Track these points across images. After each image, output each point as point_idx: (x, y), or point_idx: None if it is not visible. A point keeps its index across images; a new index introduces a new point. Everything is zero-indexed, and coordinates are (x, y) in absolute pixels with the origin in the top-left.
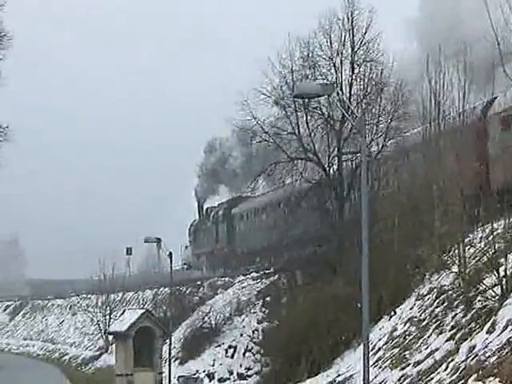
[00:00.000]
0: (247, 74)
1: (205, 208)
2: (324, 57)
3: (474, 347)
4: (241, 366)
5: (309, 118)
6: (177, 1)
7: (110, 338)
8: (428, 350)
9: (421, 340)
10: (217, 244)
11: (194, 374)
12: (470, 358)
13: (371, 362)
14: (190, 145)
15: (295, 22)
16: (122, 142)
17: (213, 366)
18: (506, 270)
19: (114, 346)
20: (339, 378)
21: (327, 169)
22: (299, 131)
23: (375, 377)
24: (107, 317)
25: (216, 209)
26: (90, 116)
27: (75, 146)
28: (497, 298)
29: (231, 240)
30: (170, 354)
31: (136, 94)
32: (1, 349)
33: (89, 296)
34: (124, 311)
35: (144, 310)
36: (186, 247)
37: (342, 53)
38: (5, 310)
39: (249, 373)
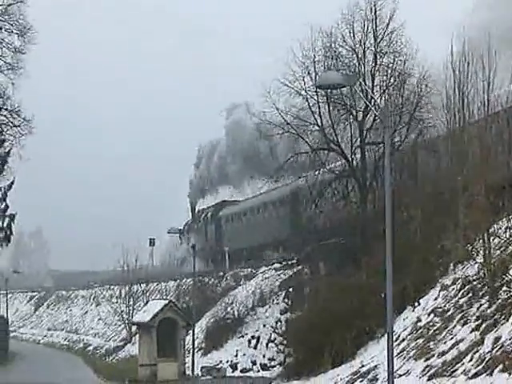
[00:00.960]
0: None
1: (196, 209)
2: (347, 47)
3: (499, 338)
4: (264, 356)
5: (331, 108)
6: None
7: (134, 328)
8: (453, 341)
9: (445, 331)
10: (206, 242)
11: (217, 365)
12: (496, 349)
13: (395, 353)
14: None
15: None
16: (150, 133)
17: (236, 356)
18: None
19: (137, 336)
20: (363, 369)
21: (350, 159)
22: (322, 122)
23: (399, 367)
24: (130, 307)
25: (205, 211)
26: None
27: (100, 135)
28: None
29: (219, 239)
30: (193, 344)
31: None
32: (26, 339)
33: (112, 287)
34: (147, 302)
35: (167, 301)
36: (181, 244)
37: (364, 43)
38: (29, 301)
39: (272, 363)
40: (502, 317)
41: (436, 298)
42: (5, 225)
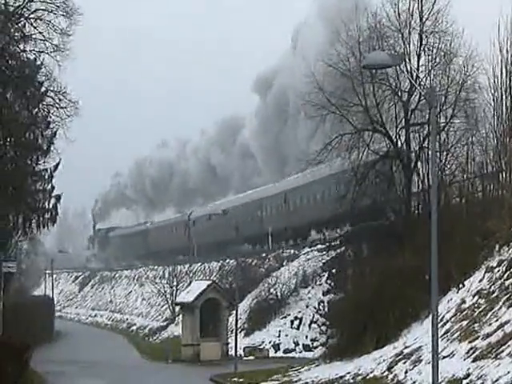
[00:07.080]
0: None
1: (96, 227)
2: (392, 28)
3: None
4: (306, 337)
5: (376, 89)
6: None
7: (177, 308)
8: (498, 323)
9: (490, 312)
10: (102, 250)
11: (260, 345)
12: None
13: (439, 335)
14: None
15: None
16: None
17: (278, 337)
18: None
19: (180, 316)
20: (406, 350)
21: (394, 140)
22: (366, 102)
23: (443, 349)
24: (174, 288)
25: (100, 231)
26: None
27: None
28: None
29: (107, 249)
30: (236, 324)
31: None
32: (71, 318)
33: (155, 267)
34: (191, 282)
35: (210, 282)
36: (88, 248)
37: (410, 23)
38: (74, 281)
39: (314, 344)
40: None
41: (481, 280)
42: (51, 206)
